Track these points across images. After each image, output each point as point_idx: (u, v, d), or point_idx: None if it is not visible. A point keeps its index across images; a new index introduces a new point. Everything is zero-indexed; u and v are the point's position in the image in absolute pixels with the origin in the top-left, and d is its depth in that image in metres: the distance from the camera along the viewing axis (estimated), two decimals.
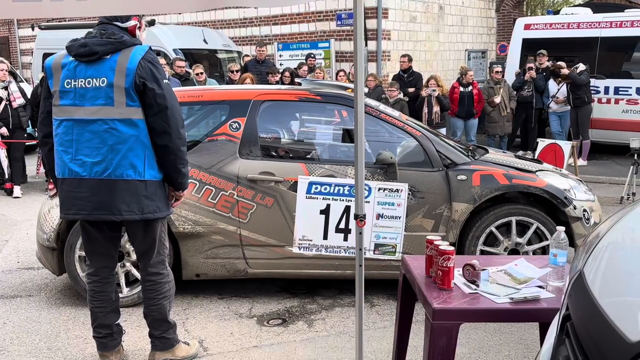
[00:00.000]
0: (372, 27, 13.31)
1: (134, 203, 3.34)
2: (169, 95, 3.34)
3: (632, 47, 11.74)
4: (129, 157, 3.29)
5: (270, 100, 4.86)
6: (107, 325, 3.64)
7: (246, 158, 4.65)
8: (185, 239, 4.60)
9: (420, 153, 4.73)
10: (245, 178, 4.59)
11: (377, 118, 4.83)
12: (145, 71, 3.26)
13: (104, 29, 3.37)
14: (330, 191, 4.43)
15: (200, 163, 4.61)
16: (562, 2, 34.34)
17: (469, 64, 15.27)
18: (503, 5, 16.82)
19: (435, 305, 2.47)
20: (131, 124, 3.29)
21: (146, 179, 3.36)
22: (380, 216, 4.52)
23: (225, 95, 5.00)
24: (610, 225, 1.98)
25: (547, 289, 2.62)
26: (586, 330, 1.60)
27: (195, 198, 4.57)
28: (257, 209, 4.59)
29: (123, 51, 3.30)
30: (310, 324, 4.35)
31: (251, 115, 4.74)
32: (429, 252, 2.81)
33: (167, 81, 3.39)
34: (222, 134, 4.69)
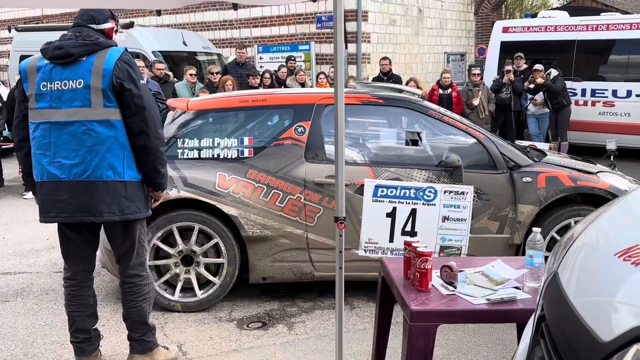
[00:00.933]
0: (352, 29, 13.36)
1: (114, 204, 3.33)
2: (146, 96, 3.35)
3: (608, 50, 11.91)
4: (108, 158, 3.28)
5: (334, 104, 4.89)
6: (85, 330, 3.60)
7: (312, 162, 4.67)
8: (253, 243, 4.61)
9: (484, 155, 4.74)
10: (312, 182, 4.61)
11: (439, 121, 4.88)
12: (122, 72, 3.27)
13: (79, 31, 3.37)
14: (396, 194, 4.43)
15: (267, 167, 4.63)
16: (540, 5, 34.75)
17: (448, 66, 15.36)
18: (482, 8, 16.97)
19: (413, 307, 2.49)
20: (109, 124, 3.28)
21: (126, 180, 3.35)
22: (446, 219, 4.51)
23: (288, 99, 5.04)
24: (585, 226, 2.00)
25: (524, 290, 2.64)
26: (560, 331, 1.61)
27: (263, 202, 4.58)
28: (324, 212, 4.60)
29: (99, 53, 3.30)
30: (290, 327, 4.35)
31: (315, 119, 4.77)
32: (407, 254, 2.82)
33: (143, 82, 3.40)
34: (288, 138, 4.72)
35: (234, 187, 4.57)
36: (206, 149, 4.70)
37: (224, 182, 4.57)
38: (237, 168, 4.62)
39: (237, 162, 4.65)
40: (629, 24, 11.49)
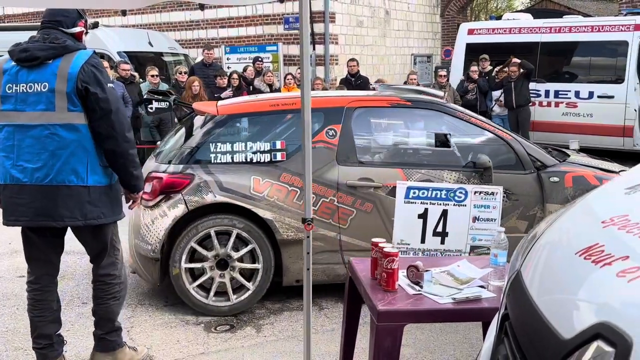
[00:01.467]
0: (319, 31, 13.38)
1: (76, 209, 3.29)
2: (113, 99, 3.30)
3: (571, 52, 12.14)
4: (71, 162, 3.25)
5: (363, 107, 4.95)
6: (47, 336, 3.52)
7: (344, 165, 4.70)
8: (287, 246, 4.62)
9: (511, 156, 4.81)
10: (345, 184, 4.64)
11: (467, 122, 4.94)
12: (88, 75, 3.23)
13: (47, 34, 3.33)
14: (428, 195, 4.45)
15: (300, 170, 4.59)
16: (505, 8, 35.27)
17: (414, 68, 15.50)
18: (447, 10, 17.15)
19: (379, 307, 2.50)
20: (73, 129, 3.25)
21: (89, 185, 3.31)
22: (477, 219, 4.54)
23: (318, 102, 4.98)
24: (547, 225, 2.03)
25: (489, 289, 2.68)
26: (523, 329, 1.63)
27: (296, 205, 4.60)
28: (357, 214, 4.64)
29: (65, 56, 3.27)
30: (258, 329, 4.33)
31: (346, 122, 4.81)
32: (374, 255, 2.84)
33: (111, 85, 3.36)
34: (320, 141, 4.73)
35: (269, 191, 4.60)
36: (239, 153, 4.68)
37: (259, 186, 4.59)
38: (270, 172, 4.64)
39: (270, 166, 4.67)
40: (590, 27, 11.72)
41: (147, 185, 4.50)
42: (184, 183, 4.53)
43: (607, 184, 2.21)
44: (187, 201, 4.49)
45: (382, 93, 5.23)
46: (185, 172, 4.57)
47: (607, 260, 1.48)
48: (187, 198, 4.50)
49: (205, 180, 4.53)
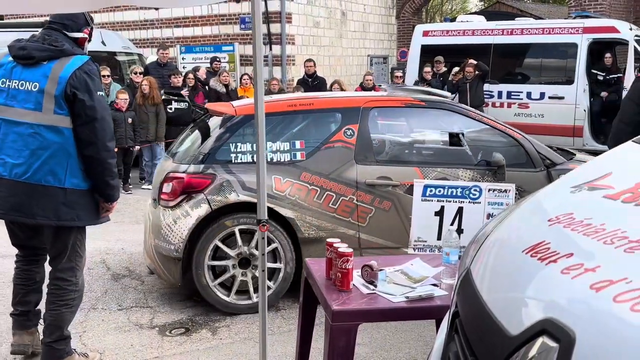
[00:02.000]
0: (276, 31, 13.35)
1: (49, 209, 3.34)
2: (100, 107, 3.36)
3: (523, 54, 12.40)
4: (50, 163, 3.30)
5: (379, 107, 5.06)
6: (26, 303, 3.65)
7: (362, 164, 4.78)
8: (308, 244, 4.66)
9: (522, 154, 4.90)
10: (364, 183, 4.72)
11: (479, 122, 5.09)
12: (79, 81, 3.30)
13: (48, 35, 3.43)
14: (444, 193, 4.48)
15: (320, 170, 4.71)
16: (460, 10, 35.85)
17: (371, 69, 15.60)
18: (403, 12, 17.33)
19: (334, 307, 2.50)
20: (57, 131, 3.31)
21: (66, 187, 3.35)
22: (490, 216, 4.59)
23: (335, 103, 5.15)
24: (497, 223, 2.07)
25: (441, 287, 2.71)
26: (473, 326, 1.66)
27: (317, 204, 4.68)
28: (376, 212, 4.71)
29: (61, 59, 3.35)
30: (214, 332, 4.29)
31: (363, 121, 4.88)
32: (329, 255, 2.84)
33: (101, 93, 3.43)
34: (338, 141, 4.82)
35: (290, 190, 4.66)
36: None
37: (280, 185, 4.66)
38: (290, 171, 4.71)
39: (291, 165, 4.73)
40: (541, 29, 11.99)
41: (166, 185, 4.60)
42: (206, 183, 4.58)
43: (554, 183, 2.26)
44: (211, 201, 4.54)
45: (396, 93, 5.39)
46: (206, 172, 4.62)
47: (552, 257, 1.52)
48: (211, 198, 4.55)
49: (227, 180, 4.58)
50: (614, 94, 10.95)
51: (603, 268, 1.35)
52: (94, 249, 5.70)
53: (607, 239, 1.45)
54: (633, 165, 1.94)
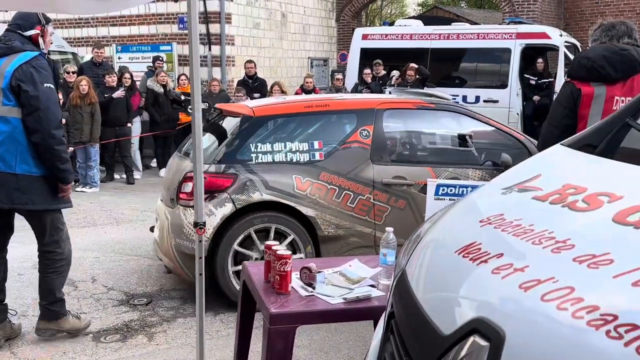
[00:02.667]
0: (215, 31, 13.21)
1: (2, 193, 3.67)
2: (44, 98, 3.65)
3: (459, 58, 12.69)
4: (0, 151, 3.62)
5: (392, 108, 5.21)
6: None
7: (378, 163, 4.91)
8: (327, 242, 4.78)
9: (526, 154, 4.96)
10: (380, 182, 4.85)
11: (485, 124, 5.28)
12: (25, 74, 3.63)
13: (6, 35, 3.80)
14: (455, 192, 4.54)
15: (338, 169, 4.83)
16: (398, 14, 36.39)
17: (311, 71, 15.64)
18: (342, 15, 17.45)
19: (272, 310, 2.49)
20: (5, 121, 3.65)
21: (17, 173, 3.66)
22: None
23: (350, 104, 5.28)
24: (432, 223, 2.10)
25: (379, 288, 2.73)
26: (407, 327, 1.67)
27: (336, 203, 4.80)
28: (391, 211, 4.86)
29: (10, 56, 3.69)
30: (150, 338, 4.20)
31: (377, 122, 5.01)
32: (268, 258, 2.82)
33: (48, 85, 3.70)
34: (355, 142, 4.94)
35: (310, 189, 4.76)
36: (279, 152, 4.84)
37: (301, 185, 4.76)
38: (310, 171, 4.81)
39: (310, 165, 4.83)
40: (476, 34, 12.30)
41: (186, 185, 4.66)
42: (228, 182, 4.67)
43: (487, 185, 2.31)
44: (235, 200, 4.64)
45: (406, 96, 5.59)
46: (227, 171, 4.71)
47: (483, 258, 1.55)
48: (235, 197, 4.64)
49: (250, 179, 4.67)
50: (545, 98, 11.34)
51: (531, 268, 1.39)
52: (24, 254, 5.50)
53: (536, 239, 1.50)
54: (561, 167, 2.00)
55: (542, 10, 15.21)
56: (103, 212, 7.55)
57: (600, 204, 1.52)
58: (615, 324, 1.11)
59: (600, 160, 1.86)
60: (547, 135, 3.26)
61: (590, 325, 1.14)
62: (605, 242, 1.36)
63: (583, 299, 1.20)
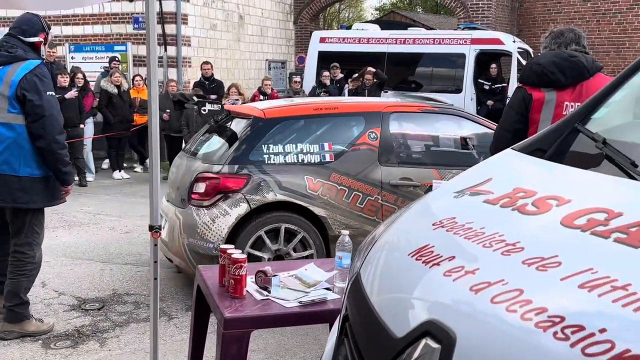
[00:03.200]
0: (171, 32, 13.05)
1: (5, 194, 3.89)
2: (48, 106, 3.88)
3: (415, 63, 12.85)
4: (5, 155, 3.85)
5: (398, 112, 5.35)
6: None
7: (385, 165, 5.02)
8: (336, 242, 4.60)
9: None
10: (388, 184, 4.96)
11: (485, 127, 5.40)
12: (29, 84, 3.83)
13: (7, 41, 3.96)
14: None
15: (348, 170, 4.93)
16: (356, 18, 36.64)
17: (269, 73, 15.61)
18: (300, 18, 17.46)
19: (226, 315, 2.46)
20: (10, 127, 3.87)
21: (21, 175, 3.89)
22: None
23: (358, 107, 5.47)
24: (386, 226, 2.11)
25: (334, 291, 2.73)
26: (361, 330, 1.68)
27: (345, 203, 4.89)
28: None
29: (14, 65, 3.88)
30: (102, 343, 4.11)
31: (384, 125, 5.13)
32: (222, 261, 2.80)
33: (51, 93, 3.94)
34: (363, 144, 5.05)
35: (321, 190, 4.86)
36: (290, 154, 4.93)
37: (313, 185, 4.86)
38: (320, 172, 4.91)
39: (320, 167, 4.94)
40: (432, 39, 12.48)
41: (198, 185, 4.75)
42: (241, 183, 4.74)
43: (440, 188, 2.34)
44: (250, 200, 4.71)
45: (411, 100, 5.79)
46: (240, 172, 4.77)
47: (436, 260, 1.56)
48: (249, 197, 4.72)
49: (264, 180, 4.76)
50: (498, 103, 11.56)
51: (482, 270, 1.41)
52: None
53: (486, 242, 1.52)
54: (511, 171, 2.04)
55: (496, 16, 15.53)
56: (54, 215, 7.36)
57: (549, 207, 1.55)
58: (563, 326, 1.13)
59: (549, 164, 1.90)
60: (500, 139, 3.32)
61: (539, 326, 1.16)
62: (553, 245, 1.39)
63: (532, 301, 1.23)
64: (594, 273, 1.21)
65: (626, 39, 15.11)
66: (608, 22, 15.35)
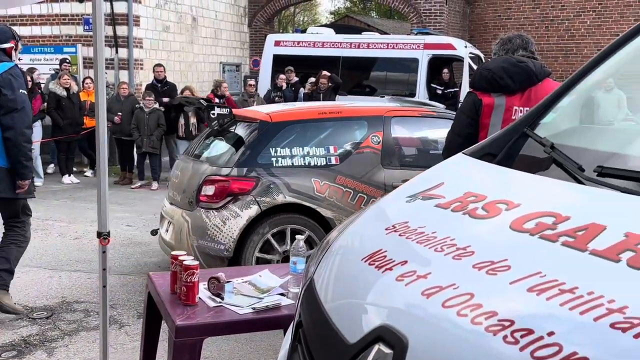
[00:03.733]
0: (123, 34, 12.84)
1: None
2: (20, 101, 4.24)
3: (370, 67, 12.93)
4: None
5: (399, 116, 5.48)
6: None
7: (388, 167, 5.15)
8: None
9: None
10: (391, 186, 4.92)
11: None
12: (5, 81, 4.19)
13: None
14: None
15: (352, 173, 5.06)
16: (311, 22, 36.72)
17: (223, 76, 15.49)
18: (255, 21, 17.40)
19: (177, 322, 2.42)
20: None
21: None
22: None
23: (361, 111, 5.59)
24: (340, 231, 2.10)
25: (288, 296, 2.72)
26: (314, 336, 1.66)
27: (351, 205, 4.98)
28: None
29: None
30: (50, 353, 3.99)
31: (386, 129, 5.26)
32: (174, 268, 2.75)
33: (23, 91, 4.29)
34: (367, 147, 5.18)
35: (328, 192, 4.97)
36: (297, 157, 5.05)
37: (320, 187, 4.97)
38: (327, 174, 5.04)
39: (327, 169, 5.07)
40: (386, 44, 12.59)
41: (207, 188, 4.84)
42: (250, 185, 4.85)
43: (393, 192, 2.35)
44: (260, 202, 4.82)
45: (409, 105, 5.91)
46: (249, 175, 4.89)
47: (388, 265, 1.56)
48: (260, 199, 4.82)
49: (274, 182, 4.88)
50: (451, 107, 11.71)
51: (433, 275, 1.41)
52: None
53: (438, 246, 1.52)
54: (462, 175, 2.06)
55: (448, 22, 15.78)
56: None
57: (498, 211, 1.57)
58: (512, 329, 1.14)
59: (499, 169, 1.93)
60: (451, 143, 3.36)
61: (489, 330, 1.16)
62: (503, 249, 1.40)
63: (482, 304, 1.23)
64: (542, 277, 1.23)
65: (573, 45, 15.55)
66: (556, 29, 15.77)
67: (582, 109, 2.31)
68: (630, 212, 1.39)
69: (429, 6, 15.35)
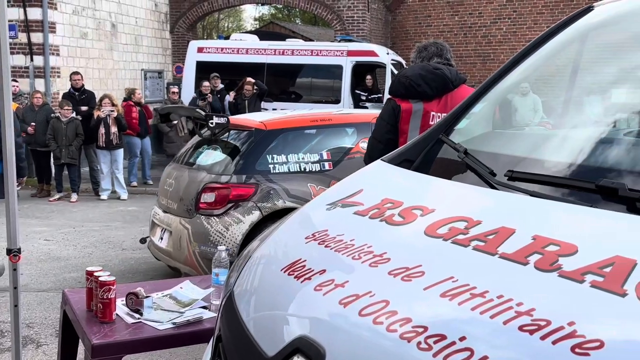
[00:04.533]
0: (38, 41, 12.34)
1: None
2: None
3: (295, 74, 12.96)
4: None
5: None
6: None
7: None
8: None
9: None
10: None
11: None
12: None
13: None
14: None
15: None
16: (235, 28, 36.48)
17: (145, 83, 15.15)
18: (177, 27, 17.11)
19: (94, 341, 2.32)
20: None
21: None
22: None
23: (349, 118, 5.84)
24: (262, 240, 2.07)
25: (211, 309, 2.66)
26: (233, 350, 1.63)
27: None
28: None
29: None
30: None
31: None
32: (89, 285, 2.64)
33: None
34: (357, 152, 5.24)
35: None
36: (293, 163, 5.15)
37: (316, 192, 4.98)
38: (321, 179, 5.12)
39: (321, 174, 5.17)
40: (310, 51, 12.65)
41: (207, 195, 4.90)
42: (250, 192, 4.92)
43: (315, 199, 2.33)
44: (261, 207, 4.89)
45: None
46: (248, 181, 4.97)
47: (307, 275, 1.55)
48: (261, 205, 4.90)
49: (273, 188, 4.96)
50: None
51: (351, 283, 1.41)
52: None
53: (356, 254, 1.52)
54: (381, 182, 2.07)
55: (371, 29, 16.01)
56: None
57: (414, 217, 1.58)
58: (426, 335, 1.14)
59: (416, 175, 1.95)
60: (372, 149, 3.39)
61: (404, 337, 1.17)
62: (417, 255, 1.42)
63: (397, 311, 1.23)
64: (455, 281, 1.24)
65: (491, 51, 16.09)
66: (474, 35, 16.28)
67: (494, 114, 2.37)
68: (537, 215, 1.43)
69: (351, 13, 15.53)
